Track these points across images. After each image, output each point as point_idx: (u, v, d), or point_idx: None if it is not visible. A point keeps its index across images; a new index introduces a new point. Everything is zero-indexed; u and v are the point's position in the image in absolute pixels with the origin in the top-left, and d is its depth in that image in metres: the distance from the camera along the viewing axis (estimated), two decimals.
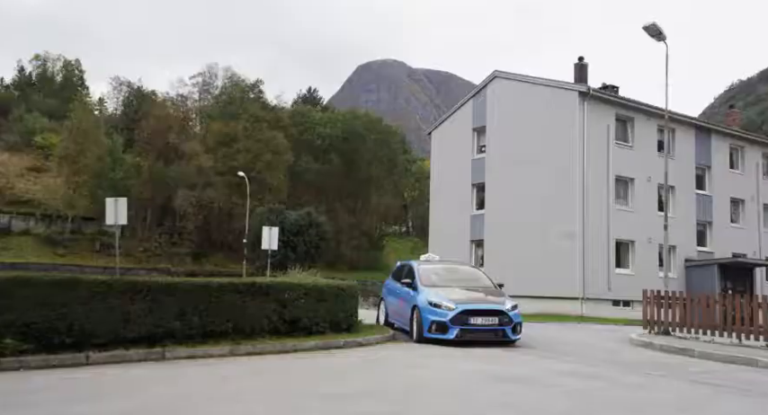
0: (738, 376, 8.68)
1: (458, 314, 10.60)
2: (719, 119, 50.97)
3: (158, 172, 51.75)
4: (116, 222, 15.91)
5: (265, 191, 51.31)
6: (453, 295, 11.04)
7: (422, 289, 11.49)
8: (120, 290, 8.19)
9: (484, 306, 10.97)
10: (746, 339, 12.73)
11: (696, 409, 6.16)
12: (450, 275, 12.55)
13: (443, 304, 10.75)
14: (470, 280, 12.34)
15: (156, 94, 64.64)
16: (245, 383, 6.76)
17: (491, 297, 11.44)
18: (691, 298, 14.39)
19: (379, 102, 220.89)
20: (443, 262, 13.94)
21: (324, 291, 10.89)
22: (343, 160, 61.60)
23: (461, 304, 10.76)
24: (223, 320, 9.15)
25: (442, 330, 10.65)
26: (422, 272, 12.21)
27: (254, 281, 10.16)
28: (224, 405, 5.54)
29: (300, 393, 6.14)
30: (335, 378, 7.30)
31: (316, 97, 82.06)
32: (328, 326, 10.86)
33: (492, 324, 10.76)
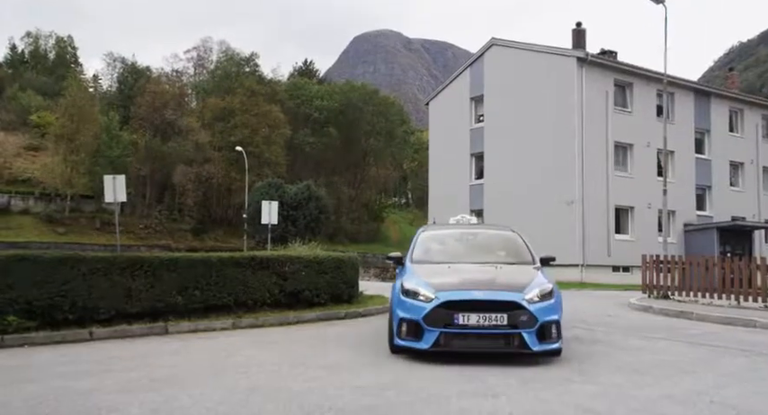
0: (737, 337, 8.78)
1: (436, 309, 6.12)
2: (719, 82, 50.57)
3: (156, 149, 51.56)
4: (115, 199, 15.88)
5: (264, 166, 51.19)
6: (443, 277, 6.68)
7: (407, 268, 7.30)
8: (122, 266, 8.23)
9: (481, 295, 6.21)
10: (745, 301, 12.85)
11: (696, 369, 6.23)
12: (463, 244, 8.27)
13: (420, 292, 6.35)
14: (492, 252, 7.92)
15: (151, 70, 64.11)
16: (247, 355, 6.83)
17: (504, 279, 6.63)
18: (690, 262, 14.47)
19: (376, 74, 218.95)
20: (461, 226, 9.16)
21: (324, 263, 10.95)
22: (341, 132, 61.30)
23: (446, 290, 6.28)
24: (224, 294, 9.22)
25: (414, 333, 6.24)
26: (419, 241, 8.12)
27: (253, 255, 10.21)
28: (228, 377, 5.60)
29: (303, 364, 6.20)
30: (336, 348, 7.36)
31: (312, 70, 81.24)
32: (329, 298, 10.96)
33: (496, 325, 6.07)
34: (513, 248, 7.91)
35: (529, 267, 7.27)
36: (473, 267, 7.13)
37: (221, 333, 8.42)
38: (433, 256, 7.68)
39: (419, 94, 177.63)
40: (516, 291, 6.24)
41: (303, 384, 5.29)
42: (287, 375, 5.64)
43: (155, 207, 52.40)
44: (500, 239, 8.39)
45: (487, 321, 6.03)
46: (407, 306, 6.34)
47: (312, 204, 41.81)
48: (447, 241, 8.40)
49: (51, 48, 78.22)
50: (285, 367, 6.04)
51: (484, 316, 6.03)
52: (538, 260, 7.47)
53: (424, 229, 8.73)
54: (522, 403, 4.69)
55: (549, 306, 6.26)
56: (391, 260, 7.99)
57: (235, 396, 4.83)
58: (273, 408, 4.49)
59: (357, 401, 4.68)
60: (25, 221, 46.22)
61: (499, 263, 7.30)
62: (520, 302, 6.11)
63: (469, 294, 6.21)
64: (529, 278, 6.63)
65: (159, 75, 60.77)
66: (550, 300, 6.33)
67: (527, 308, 6.09)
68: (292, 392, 5.01)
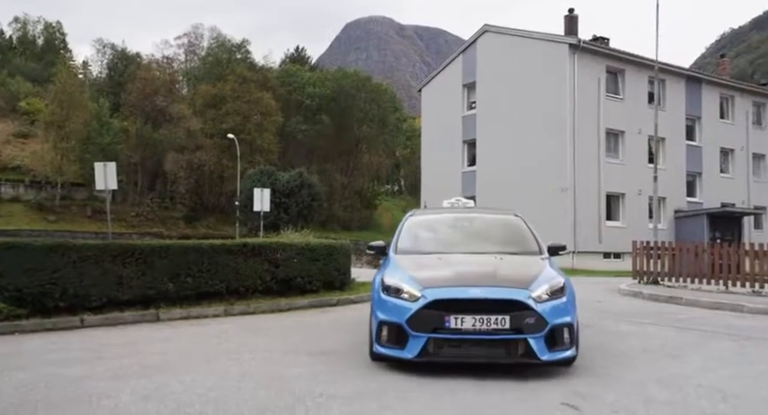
0: (725, 322, 8.88)
1: (423, 310, 5.06)
2: (711, 69, 50.64)
3: (147, 136, 51.22)
4: (106, 187, 15.79)
5: (256, 153, 51.02)
6: (432, 271, 5.63)
7: (390, 259, 6.20)
8: (113, 254, 8.20)
9: (478, 293, 5.11)
10: (733, 286, 12.99)
11: (684, 354, 6.30)
12: (457, 231, 6.98)
13: (403, 289, 5.29)
14: (491, 240, 6.69)
15: (142, 57, 63.44)
16: (239, 341, 6.85)
17: (506, 273, 5.52)
18: (679, 248, 14.60)
19: (369, 60, 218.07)
20: (456, 210, 7.79)
21: (316, 250, 10.97)
22: (333, 120, 61.06)
23: (436, 286, 5.21)
24: (216, 281, 9.23)
25: (397, 339, 5.18)
26: (406, 227, 6.93)
27: (245, 242, 10.21)
28: (219, 363, 5.62)
29: (294, 351, 6.23)
30: (328, 335, 7.40)
31: (304, 56, 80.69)
32: (321, 285, 11.01)
33: (496, 330, 4.97)
34: (517, 235, 6.71)
35: (535, 258, 6.12)
36: (469, 258, 5.99)
37: (213, 320, 8.43)
38: (422, 245, 6.49)
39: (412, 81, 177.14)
40: (521, 287, 5.13)
41: (295, 370, 5.32)
42: (279, 362, 5.67)
43: (146, 195, 52.17)
44: (501, 225, 7.13)
45: (485, 324, 4.89)
46: (388, 307, 5.23)
47: (304, 191, 41.77)
48: (438, 227, 7.07)
49: (40, 33, 77.25)
50: (277, 354, 6.07)
51: (481, 318, 4.89)
52: (545, 250, 6.35)
53: (412, 213, 7.37)
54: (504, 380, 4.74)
55: (560, 306, 5.14)
56: (373, 250, 6.70)
57: (226, 382, 4.85)
58: (265, 394, 4.52)
59: (349, 387, 4.72)
60: (15, 209, 45.90)
61: (500, 253, 6.08)
62: (525, 301, 4.98)
63: (464, 291, 5.09)
64: (536, 272, 5.53)
65: (150, 62, 60.16)
66: (562, 298, 5.21)
67: (534, 308, 4.96)
68: (284, 378, 5.04)
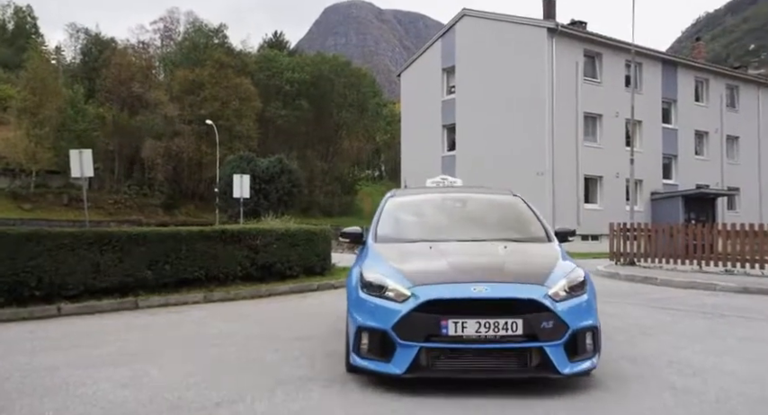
0: (698, 301, 9.09)
1: (414, 313, 4.06)
2: (686, 52, 51.15)
3: (123, 123, 50.47)
4: (82, 174, 15.55)
5: (235, 139, 50.54)
6: (422, 262, 4.64)
7: (369, 249, 5.12)
8: (89, 241, 8.12)
9: (484, 290, 4.11)
10: (707, 266, 13.26)
11: (657, 332, 6.45)
12: (447, 214, 5.87)
13: (388, 286, 4.26)
14: (489, 224, 5.68)
15: (116, 42, 62.18)
16: (219, 327, 6.85)
17: (514, 265, 4.56)
18: (655, 229, 14.84)
19: (348, 45, 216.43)
20: (444, 190, 6.67)
21: (296, 236, 10.97)
22: (312, 105, 60.64)
23: (429, 283, 4.23)
24: (195, 268, 9.19)
25: (381, 350, 4.17)
26: (387, 210, 5.80)
27: (224, 228, 10.18)
28: (199, 350, 5.63)
29: (275, 336, 6.25)
30: (308, 320, 7.43)
31: (282, 41, 79.72)
32: (302, 270, 11.03)
33: (506, 337, 4.01)
34: (519, 218, 5.73)
35: (544, 245, 5.16)
36: (466, 246, 5.00)
37: (193, 307, 8.41)
38: (407, 231, 5.41)
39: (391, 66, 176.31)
40: (535, 283, 4.16)
41: (275, 355, 5.34)
42: (259, 347, 5.68)
43: (124, 183, 51.52)
44: (499, 206, 6.09)
45: (493, 330, 3.90)
46: (369, 308, 4.16)
47: (284, 177, 41.55)
48: (425, 209, 5.93)
49: (10, 18, 75.43)
50: (257, 339, 6.08)
51: (487, 323, 3.90)
52: (553, 235, 5.37)
53: (392, 194, 6.20)
54: None
55: (582, 305, 4.20)
56: (347, 237, 5.59)
57: (206, 368, 4.87)
58: (246, 378, 4.54)
59: (330, 369, 4.74)
60: None
61: (502, 240, 5.08)
62: (541, 300, 4.02)
63: (465, 288, 4.06)
64: (550, 262, 4.58)
65: (125, 47, 59.07)
66: (583, 295, 4.27)
67: (552, 309, 4.00)
68: (264, 362, 5.06)
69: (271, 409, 3.80)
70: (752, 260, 12.77)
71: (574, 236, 5.67)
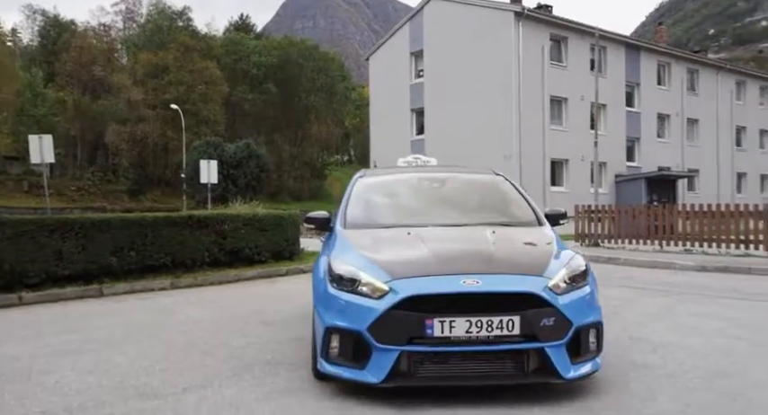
0: (659, 279, 9.36)
1: (393, 311, 3.46)
2: (649, 37, 51.94)
3: (85, 107, 49.24)
4: (42, 160, 15.15)
5: (201, 124, 49.82)
6: (400, 251, 4.05)
7: (337, 236, 4.56)
8: (50, 228, 7.95)
9: (475, 283, 3.52)
10: (667, 246, 13.63)
11: (619, 310, 6.62)
12: (425, 196, 5.25)
13: (361, 279, 3.65)
14: (473, 206, 5.10)
15: (76, 24, 60.41)
16: (186, 313, 6.80)
17: (507, 253, 3.99)
18: (618, 211, 15.17)
19: (316, 29, 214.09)
20: (419, 169, 5.94)
21: (264, 221, 10.92)
22: (280, 89, 60.01)
23: (410, 275, 3.63)
24: (162, 254, 9.08)
25: (354, 355, 3.59)
26: (356, 193, 5.17)
27: (190, 214, 10.07)
28: (166, 336, 5.59)
29: (243, 321, 6.23)
30: (277, 304, 7.43)
31: (248, 25, 78.35)
32: (270, 255, 10.99)
33: (501, 337, 3.45)
34: (504, 199, 5.13)
35: (537, 229, 4.60)
36: (449, 232, 4.41)
37: (159, 293, 8.33)
38: (380, 215, 4.78)
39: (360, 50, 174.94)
40: (533, 273, 3.64)
41: (243, 339, 5.34)
42: (227, 332, 5.67)
43: (87, 169, 50.39)
44: (481, 186, 5.44)
45: (486, 329, 3.38)
46: (340, 306, 3.60)
47: (252, 162, 41.16)
48: (399, 191, 5.25)
49: None
50: (225, 324, 6.07)
51: (479, 321, 3.38)
52: (544, 218, 4.82)
53: (362, 175, 5.59)
54: None
55: (585, 298, 3.70)
56: (312, 223, 4.94)
57: (173, 354, 4.84)
58: (213, 363, 4.54)
59: (298, 353, 4.75)
60: None
61: (488, 224, 4.49)
62: (541, 293, 3.49)
63: (452, 281, 3.51)
64: (546, 250, 4.07)
65: (85, 29, 57.43)
66: (585, 286, 3.76)
67: (554, 304, 3.48)
68: (232, 347, 5.06)
69: (239, 393, 3.81)
70: (709, 240, 13.17)
71: (566, 219, 5.09)
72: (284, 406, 3.55)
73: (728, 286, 8.64)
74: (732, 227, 13.12)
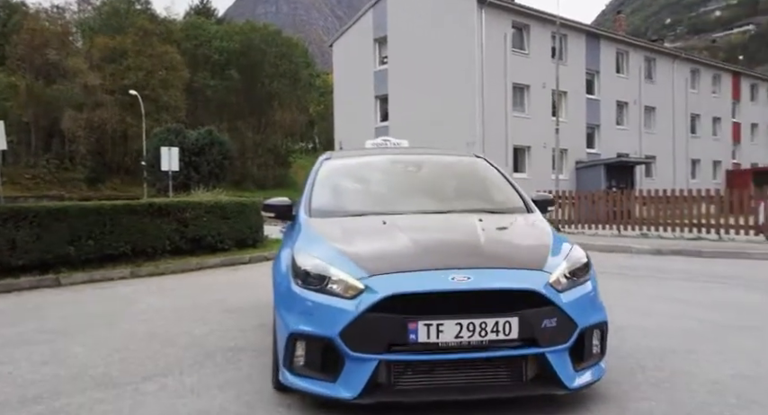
0: (616, 263, 9.61)
1: (370, 314, 2.92)
2: (609, 25, 52.82)
3: (39, 92, 47.59)
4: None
5: (162, 110, 48.73)
6: (375, 242, 3.54)
7: (301, 225, 3.99)
8: (3, 217, 7.74)
9: (466, 279, 3.00)
10: (625, 230, 14.01)
11: None
12: (400, 179, 4.73)
13: (332, 276, 3.10)
14: (453, 192, 4.65)
15: (27, 5, 58.17)
16: (147, 302, 6.72)
17: (498, 244, 3.52)
18: (578, 197, 15.50)
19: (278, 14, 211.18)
20: (391, 151, 5.35)
21: (226, 208, 10.82)
22: (243, 75, 59.07)
23: (388, 271, 3.08)
24: (121, 242, 8.92)
25: (322, 365, 3.05)
26: (322, 177, 4.60)
27: (151, 202, 9.91)
28: (125, 325, 5.51)
29: (205, 309, 6.19)
30: (239, 292, 7.39)
31: (209, 9, 76.67)
32: (233, 243, 10.91)
33: (495, 342, 2.94)
34: (488, 184, 4.66)
35: (527, 217, 4.12)
36: (431, 220, 3.93)
37: (119, 282, 8.19)
38: (350, 202, 4.25)
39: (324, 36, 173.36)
40: (532, 268, 3.19)
41: (205, 328, 5.30)
42: (188, 320, 5.62)
43: (42, 156, 48.86)
44: (462, 170, 4.95)
45: (479, 333, 2.90)
46: (306, 307, 3.09)
47: (215, 149, 40.56)
48: (371, 175, 4.68)
49: None
50: (186, 313, 6.01)
51: (471, 324, 2.90)
52: (533, 205, 4.33)
53: (328, 157, 4.99)
54: None
55: (589, 294, 3.27)
56: (271, 211, 4.39)
57: (133, 343, 4.78)
58: (174, 352, 4.50)
59: (261, 340, 4.74)
60: None
61: (473, 212, 4.04)
62: (542, 291, 3.02)
63: (440, 278, 3.01)
64: (542, 240, 3.59)
65: (37, 11, 55.40)
66: (587, 282, 3.32)
67: (556, 302, 3.02)
68: (194, 335, 5.02)
69: (200, 380, 3.79)
70: (665, 224, 13.59)
71: (553, 206, 4.66)
72: (246, 392, 3.55)
73: (681, 268, 8.95)
74: (686, 212, 13.56)
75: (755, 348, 4.37)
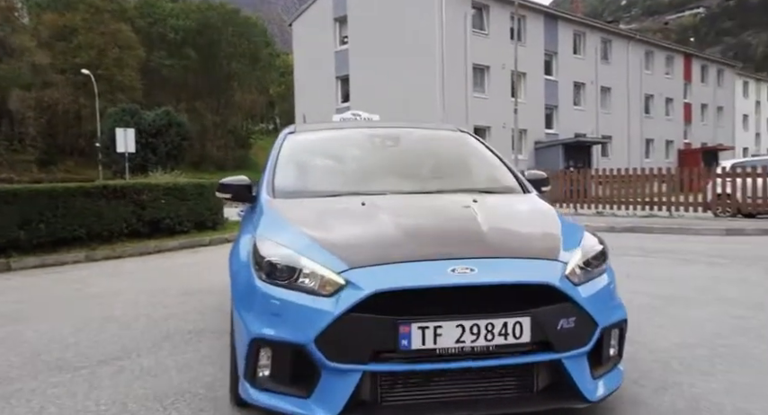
0: None
1: (351, 315, 2.34)
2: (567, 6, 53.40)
3: None
4: None
5: (116, 90, 47.40)
6: (357, 227, 2.93)
7: (263, 209, 3.32)
8: None
9: (470, 277, 2.42)
10: (581, 209, 14.36)
11: None
12: (377, 156, 4.12)
13: (303, 268, 2.51)
14: (438, 171, 4.03)
15: None
16: (103, 286, 6.61)
17: (502, 230, 2.88)
18: None
19: None
20: (364, 125, 4.74)
21: (185, 190, 10.67)
22: (201, 55, 57.81)
23: (375, 263, 2.48)
24: (75, 226, 8.73)
25: (293, 379, 2.47)
26: (286, 153, 3.95)
27: (105, 184, 9.72)
28: (80, 309, 5.42)
29: (163, 292, 6.12)
30: (199, 274, 7.33)
31: None
32: (193, 225, 10.80)
33: (503, 347, 2.39)
34: (477, 161, 4.16)
35: (526, 198, 3.62)
36: (417, 201, 3.36)
37: (74, 267, 8.03)
38: (321, 181, 3.74)
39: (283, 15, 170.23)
40: (543, 256, 2.67)
41: (164, 310, 5.25)
42: (146, 304, 5.56)
43: None
44: (446, 145, 4.41)
45: (484, 337, 2.40)
46: (272, 307, 2.54)
47: (173, 131, 39.73)
48: (343, 150, 4.13)
49: None
50: (145, 296, 5.94)
51: (475, 326, 2.40)
52: (529, 184, 3.80)
53: (292, 130, 4.36)
54: None
55: (609, 287, 2.81)
56: (227, 191, 3.81)
57: (89, 327, 4.71)
58: (131, 335, 4.45)
59: (221, 323, 4.69)
60: None
61: (464, 191, 3.52)
62: (559, 285, 2.51)
63: (436, 270, 2.49)
64: (551, 225, 3.03)
65: None
66: (604, 274, 2.83)
67: (573, 298, 2.52)
68: (152, 318, 4.97)
69: (158, 362, 3.77)
70: (619, 202, 13.98)
71: (548, 186, 4.04)
72: (206, 374, 3.54)
73: (634, 245, 9.24)
74: (639, 191, 13.95)
75: (697, 319, 4.59)
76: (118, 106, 41.37)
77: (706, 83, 45.87)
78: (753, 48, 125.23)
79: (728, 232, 10.58)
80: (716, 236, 10.40)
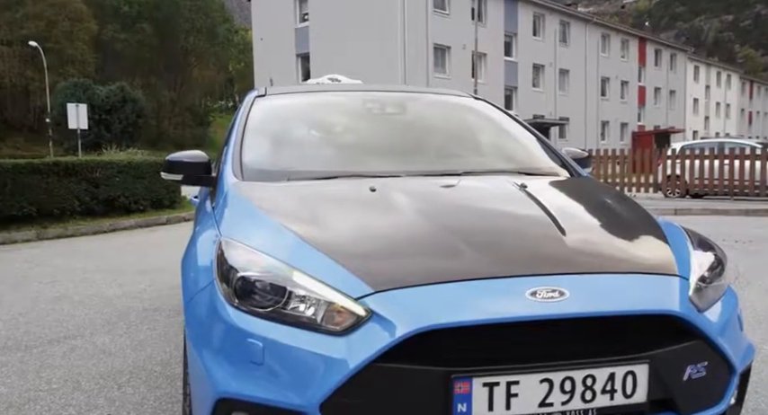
0: None
1: (378, 366, 1.40)
2: None
3: None
4: None
5: (67, 64, 45.71)
6: (367, 225, 1.90)
7: (229, 194, 2.22)
8: None
9: (561, 306, 1.49)
10: None
11: None
12: (375, 126, 2.97)
13: (294, 290, 1.53)
14: (457, 147, 2.91)
15: None
16: (55, 265, 6.46)
17: (589, 236, 1.88)
18: None
19: None
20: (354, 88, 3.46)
21: (140, 168, 10.48)
22: (156, 29, 56.03)
23: (411, 286, 1.51)
24: (24, 203, 8.49)
25: None
26: (255, 120, 2.81)
27: (56, 160, 9.44)
28: (31, 288, 5.31)
29: (118, 271, 6.03)
30: (156, 253, 7.23)
31: None
32: (149, 204, 10.64)
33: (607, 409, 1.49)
34: (507, 134, 3.09)
35: (587, 182, 2.67)
36: (448, 187, 2.29)
37: (24, 245, 7.82)
38: (306, 157, 2.71)
39: None
40: (659, 270, 1.71)
41: (118, 289, 5.19)
42: (100, 282, 5.47)
43: None
44: (464, 115, 3.27)
45: (579, 396, 1.49)
46: (250, 350, 1.52)
47: (128, 107, 38.65)
48: (331, 117, 3.11)
49: None
50: (99, 275, 5.84)
51: (568, 379, 1.48)
52: (576, 165, 2.84)
53: (261, 93, 3.25)
54: None
55: (735, 314, 1.84)
56: (177, 171, 2.67)
57: (39, 306, 4.63)
58: (84, 313, 4.39)
59: (177, 301, 4.67)
60: None
61: (501, 172, 2.57)
62: (684, 313, 1.59)
63: (509, 292, 1.55)
64: (646, 223, 2.10)
65: None
66: (722, 290, 1.84)
67: (705, 332, 1.61)
68: (106, 297, 4.91)
69: (112, 340, 3.74)
70: None
71: (590, 167, 3.06)
72: (162, 351, 3.53)
73: None
74: (594, 172, 14.29)
75: None
76: (69, 80, 39.96)
77: (659, 66, 46.98)
78: (704, 34, 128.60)
79: (677, 212, 10.99)
80: (665, 216, 10.76)
